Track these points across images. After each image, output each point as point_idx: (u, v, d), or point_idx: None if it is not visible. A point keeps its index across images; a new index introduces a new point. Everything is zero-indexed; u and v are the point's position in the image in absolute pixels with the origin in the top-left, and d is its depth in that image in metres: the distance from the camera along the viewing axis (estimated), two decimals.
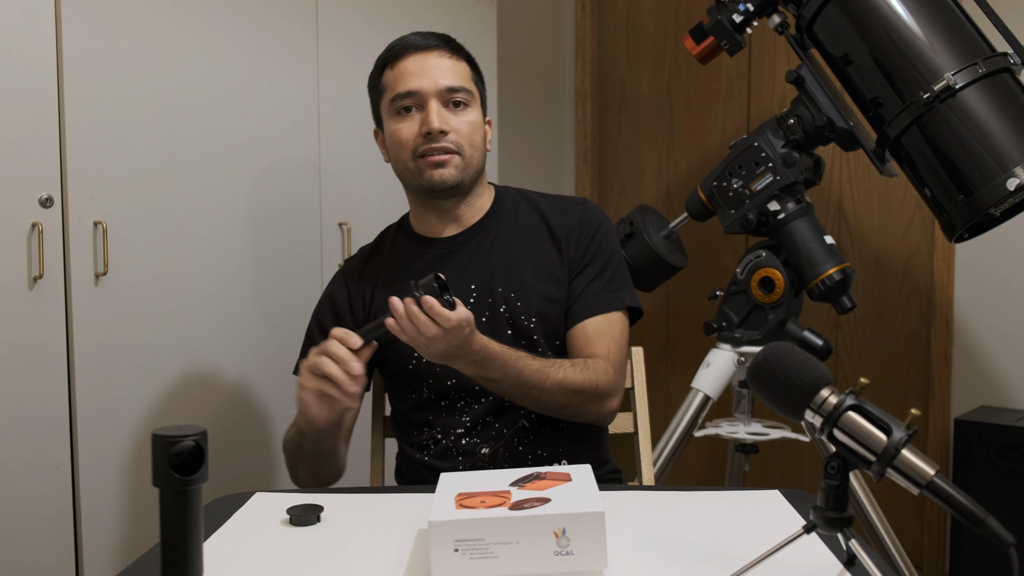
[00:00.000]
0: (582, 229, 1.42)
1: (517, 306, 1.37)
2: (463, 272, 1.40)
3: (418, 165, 1.37)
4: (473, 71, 1.43)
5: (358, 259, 1.51)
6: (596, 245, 1.41)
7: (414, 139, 1.36)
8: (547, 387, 1.29)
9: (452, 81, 1.36)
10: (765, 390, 0.87)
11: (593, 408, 1.34)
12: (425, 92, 1.35)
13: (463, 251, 1.42)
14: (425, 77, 1.35)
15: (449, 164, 1.36)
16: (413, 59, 1.37)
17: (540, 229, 1.43)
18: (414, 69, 1.36)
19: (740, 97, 2.84)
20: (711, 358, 2.04)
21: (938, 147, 1.65)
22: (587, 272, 1.40)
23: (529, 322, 1.37)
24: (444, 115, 1.35)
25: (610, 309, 1.39)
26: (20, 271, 1.45)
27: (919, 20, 1.65)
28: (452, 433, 1.36)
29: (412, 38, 1.39)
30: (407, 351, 1.37)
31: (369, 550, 0.98)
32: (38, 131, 1.47)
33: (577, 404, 1.32)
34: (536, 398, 1.29)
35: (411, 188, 1.44)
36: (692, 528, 1.03)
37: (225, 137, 1.77)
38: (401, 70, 1.37)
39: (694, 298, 2.92)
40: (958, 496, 0.78)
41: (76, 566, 1.55)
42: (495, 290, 1.38)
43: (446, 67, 1.37)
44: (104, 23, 1.55)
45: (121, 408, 1.60)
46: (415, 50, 1.37)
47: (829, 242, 1.94)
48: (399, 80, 1.37)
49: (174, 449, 0.65)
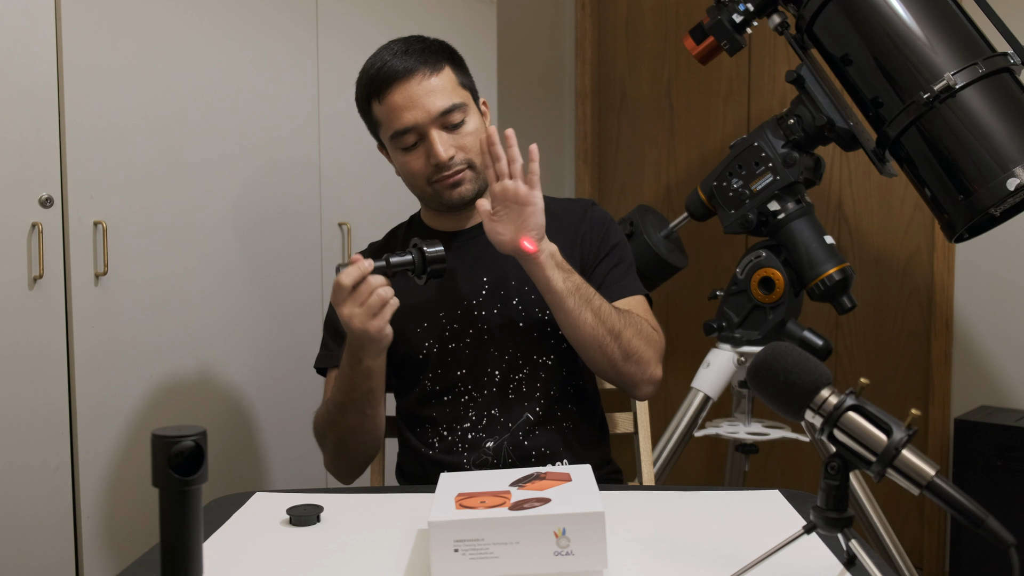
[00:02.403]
0: (593, 228, 1.45)
1: (531, 299, 1.38)
2: (476, 265, 1.41)
3: (435, 189, 1.38)
4: (455, 69, 1.39)
5: (368, 252, 1.51)
6: (609, 241, 1.45)
7: (424, 169, 1.37)
8: (607, 309, 1.30)
9: (443, 103, 1.34)
10: (765, 390, 0.87)
11: (644, 357, 1.33)
12: (421, 124, 1.34)
13: (475, 244, 1.43)
14: (417, 109, 1.33)
15: (464, 181, 1.37)
16: (399, 92, 1.34)
17: (552, 227, 1.43)
18: (402, 103, 1.33)
19: (740, 97, 2.84)
20: (711, 358, 2.04)
21: (938, 147, 1.64)
22: (606, 262, 1.43)
23: (543, 314, 1.38)
24: (447, 140, 1.35)
25: (634, 293, 1.42)
26: (20, 271, 1.45)
27: (919, 20, 1.65)
28: (458, 428, 1.37)
29: (390, 63, 1.35)
30: (417, 340, 1.38)
31: (369, 550, 0.98)
32: (38, 131, 1.47)
33: (635, 347, 1.31)
34: (598, 314, 1.28)
35: (430, 206, 1.46)
36: (692, 528, 1.03)
37: (225, 137, 1.77)
38: (390, 106, 1.35)
39: (694, 298, 2.91)
40: (958, 496, 0.78)
41: (76, 566, 1.55)
42: (508, 283, 1.39)
43: (432, 89, 1.34)
44: (104, 23, 1.55)
45: (121, 408, 1.60)
46: (397, 79, 1.34)
47: (829, 242, 1.93)
48: (392, 117, 1.35)
49: (174, 449, 0.65)
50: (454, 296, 1.40)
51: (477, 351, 1.38)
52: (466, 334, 1.38)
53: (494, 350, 1.38)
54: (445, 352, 1.38)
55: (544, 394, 1.38)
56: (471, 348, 1.38)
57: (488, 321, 1.38)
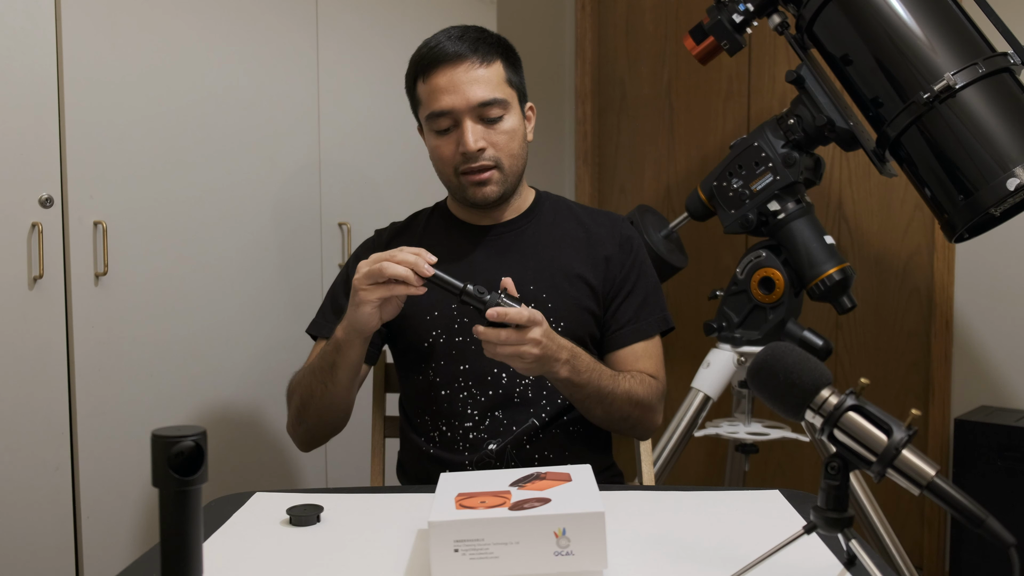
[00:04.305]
0: (622, 251, 1.44)
1: (548, 307, 1.37)
2: (497, 260, 1.41)
3: (460, 182, 1.38)
4: (508, 66, 1.38)
5: (388, 232, 1.52)
6: (638, 268, 1.44)
7: (453, 156, 1.36)
8: (618, 395, 1.32)
9: (485, 94, 1.33)
10: (765, 390, 0.87)
11: (646, 421, 1.39)
12: (458, 110, 1.33)
13: (500, 242, 1.43)
14: (457, 94, 1.32)
15: (490, 181, 1.36)
16: (444, 74, 1.33)
17: (579, 236, 1.44)
18: (445, 86, 1.33)
19: (740, 97, 2.84)
20: (711, 358, 2.04)
21: (938, 147, 1.64)
22: (633, 297, 1.43)
23: (558, 325, 1.37)
24: (479, 132, 1.34)
25: (656, 332, 1.44)
26: (20, 271, 1.45)
27: (919, 20, 1.65)
28: (459, 426, 1.36)
29: (442, 45, 1.35)
30: (424, 328, 1.38)
31: (369, 550, 0.98)
32: (38, 131, 1.47)
33: (637, 416, 1.37)
34: (609, 406, 1.32)
35: (455, 198, 1.46)
36: (692, 528, 1.03)
37: (225, 137, 1.77)
38: (433, 86, 1.35)
39: (694, 298, 2.91)
40: (958, 496, 0.78)
41: (76, 566, 1.55)
42: (527, 286, 1.39)
43: (477, 79, 1.33)
44: (104, 23, 1.55)
45: (121, 408, 1.60)
46: (445, 62, 1.34)
47: (829, 242, 1.93)
48: (431, 97, 1.35)
49: (174, 449, 0.65)
50: None
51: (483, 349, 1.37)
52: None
53: None
54: (451, 344, 1.38)
55: (551, 402, 1.37)
56: (478, 344, 1.36)
57: None
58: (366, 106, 2.07)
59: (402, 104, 1.48)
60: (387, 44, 2.11)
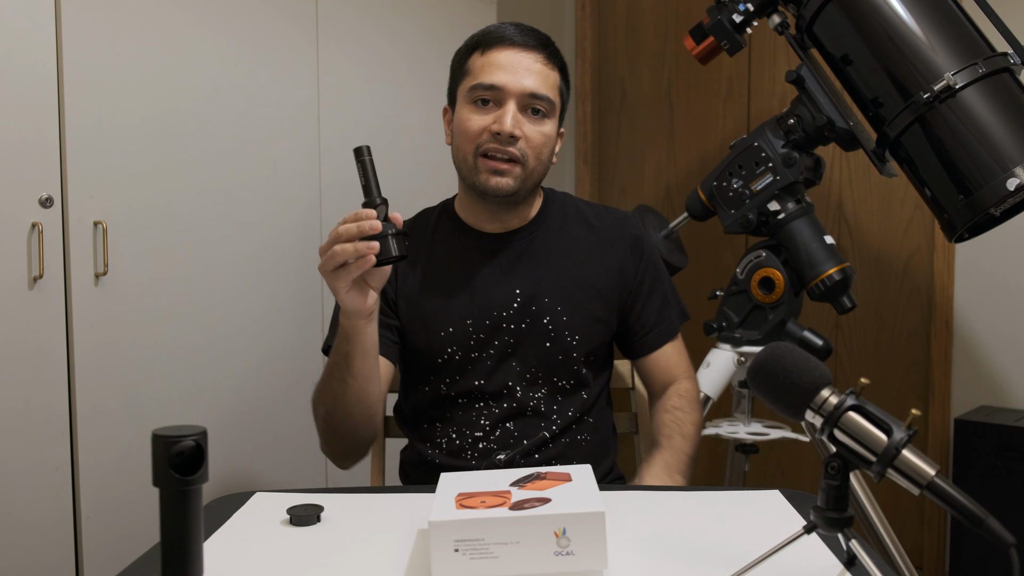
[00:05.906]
0: (634, 254, 1.43)
1: (562, 320, 1.35)
2: (509, 274, 1.37)
3: (477, 164, 1.32)
4: (563, 81, 1.37)
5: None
6: (652, 269, 1.44)
7: (481, 133, 1.30)
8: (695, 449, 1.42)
9: (537, 87, 1.30)
10: (765, 390, 0.87)
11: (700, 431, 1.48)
12: (508, 90, 1.29)
13: (509, 251, 1.39)
14: (513, 75, 1.30)
15: (509, 174, 1.31)
16: (506, 53, 1.31)
17: (588, 240, 1.42)
18: (504, 63, 1.30)
19: (740, 97, 2.84)
20: (711, 358, 2.04)
21: (938, 147, 1.64)
22: (653, 299, 1.44)
23: (572, 338, 1.36)
24: (519, 119, 1.30)
25: (679, 327, 1.48)
26: (20, 271, 1.45)
27: (919, 20, 1.65)
28: (470, 435, 1.35)
29: (512, 30, 1.33)
30: (439, 344, 1.34)
31: (369, 550, 0.98)
32: (38, 131, 1.47)
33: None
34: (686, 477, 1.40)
35: (465, 181, 1.38)
36: (692, 528, 1.03)
37: (225, 137, 1.77)
38: (490, 60, 1.31)
39: (694, 298, 2.91)
40: (958, 496, 0.78)
41: (76, 566, 1.55)
42: (540, 300, 1.36)
43: (537, 71, 1.31)
44: (104, 23, 1.55)
45: (121, 408, 1.60)
46: (512, 44, 1.31)
47: (829, 242, 1.93)
48: (485, 69, 1.31)
49: (174, 449, 0.64)
50: (483, 305, 1.35)
51: (499, 363, 1.35)
52: (491, 345, 1.35)
53: (516, 365, 1.35)
54: (467, 360, 1.35)
55: (562, 415, 1.36)
56: (493, 360, 1.35)
57: (515, 335, 1.35)
58: (366, 106, 2.07)
59: (402, 104, 1.48)
60: (387, 44, 2.11)
